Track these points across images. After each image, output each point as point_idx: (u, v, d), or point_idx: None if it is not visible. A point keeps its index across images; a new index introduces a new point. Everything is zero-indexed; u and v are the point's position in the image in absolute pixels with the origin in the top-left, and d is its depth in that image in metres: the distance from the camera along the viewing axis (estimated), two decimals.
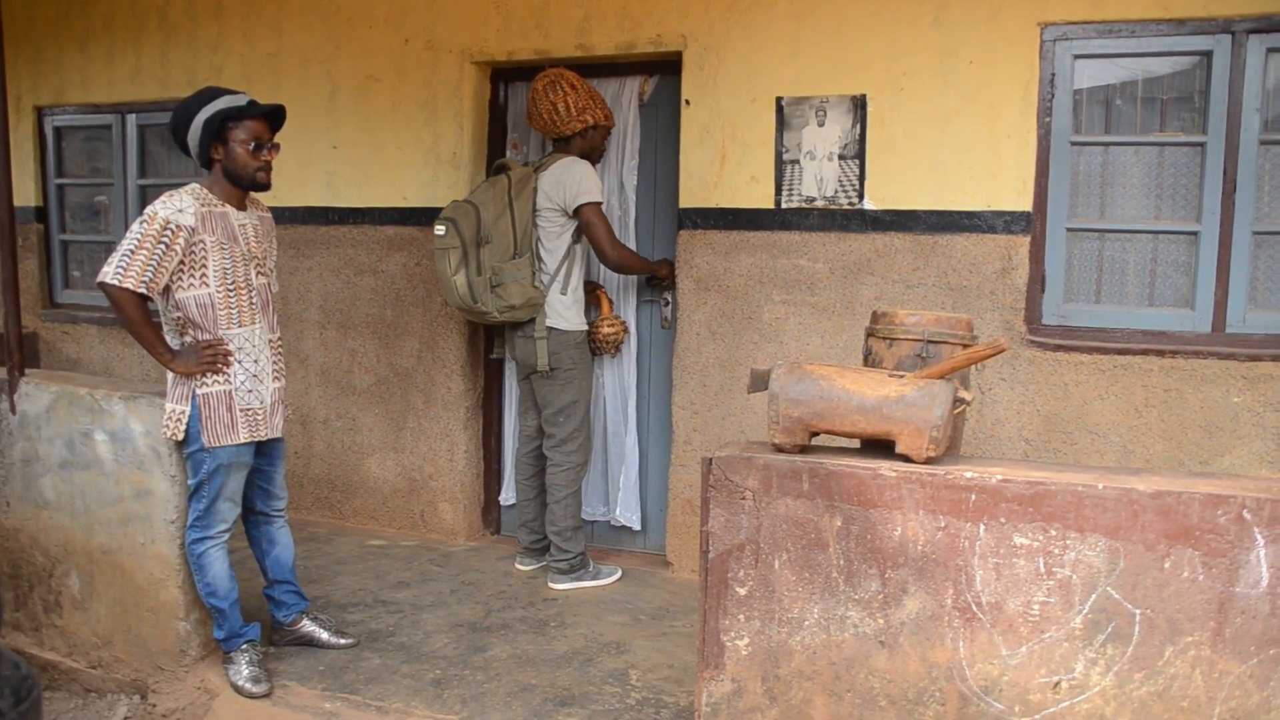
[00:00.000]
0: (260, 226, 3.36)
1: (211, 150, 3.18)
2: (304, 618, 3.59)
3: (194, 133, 3.17)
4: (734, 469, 2.44)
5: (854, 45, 4.00)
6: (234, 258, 3.18)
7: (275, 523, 3.53)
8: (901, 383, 2.36)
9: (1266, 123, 3.64)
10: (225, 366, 3.17)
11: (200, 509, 3.22)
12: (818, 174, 4.07)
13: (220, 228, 3.17)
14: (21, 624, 3.71)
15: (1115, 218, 3.86)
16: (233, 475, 3.24)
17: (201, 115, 3.15)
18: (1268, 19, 3.55)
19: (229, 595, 3.28)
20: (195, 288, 3.13)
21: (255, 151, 3.19)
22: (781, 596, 2.43)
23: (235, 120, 3.17)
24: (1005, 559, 2.26)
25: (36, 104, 5.84)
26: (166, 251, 3.04)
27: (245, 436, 3.22)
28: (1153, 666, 2.18)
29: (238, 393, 3.20)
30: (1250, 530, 2.10)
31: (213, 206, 3.18)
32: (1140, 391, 3.74)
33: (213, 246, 3.13)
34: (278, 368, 3.37)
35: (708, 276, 4.27)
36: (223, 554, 3.27)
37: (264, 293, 3.32)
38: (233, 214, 3.23)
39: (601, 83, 4.53)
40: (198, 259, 3.12)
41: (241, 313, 3.21)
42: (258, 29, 5.13)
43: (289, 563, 3.56)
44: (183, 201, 3.11)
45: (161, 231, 3.04)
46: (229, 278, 3.17)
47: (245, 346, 3.23)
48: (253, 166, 3.20)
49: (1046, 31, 3.78)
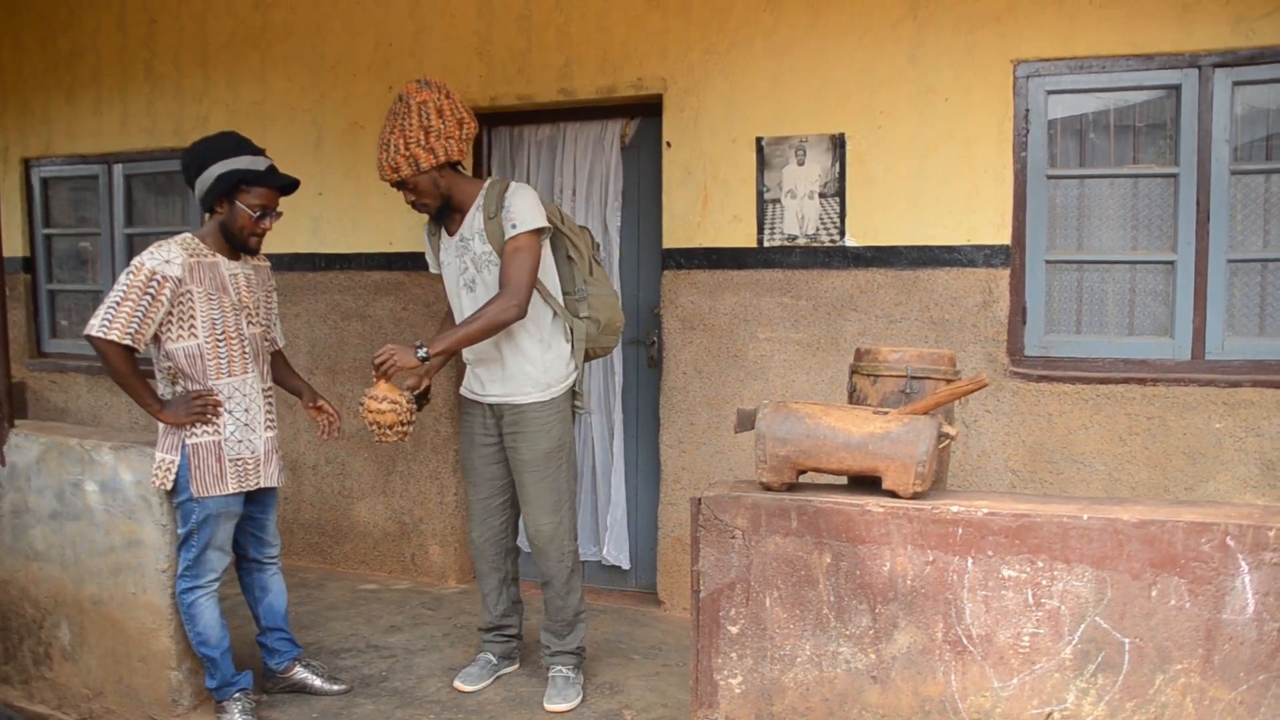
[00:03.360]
0: (254, 276, 3.35)
1: (217, 204, 3.18)
2: (297, 664, 3.57)
3: (205, 182, 3.15)
4: (723, 508, 2.46)
5: (832, 84, 4.07)
6: (223, 308, 3.17)
7: (268, 570, 3.52)
8: (886, 419, 2.39)
9: (1236, 153, 3.71)
10: (215, 417, 3.16)
11: (190, 558, 3.20)
12: (799, 212, 4.13)
13: (209, 278, 3.15)
14: (10, 677, 3.69)
15: (1093, 249, 3.92)
16: (222, 525, 3.22)
17: (218, 169, 3.13)
18: (1232, 53, 3.63)
19: (220, 644, 3.25)
20: (184, 339, 3.12)
21: (258, 220, 3.20)
22: (773, 634, 2.44)
23: (250, 184, 3.17)
24: (994, 591, 2.28)
25: (24, 155, 5.87)
26: (152, 303, 3.03)
27: (234, 487, 3.21)
28: (1144, 695, 2.20)
29: (227, 443, 3.19)
30: (1234, 557, 2.13)
31: (202, 257, 3.16)
32: (1123, 420, 3.78)
33: (200, 297, 3.12)
34: (270, 418, 3.36)
35: (693, 316, 4.30)
36: (213, 603, 3.25)
37: (256, 343, 3.31)
38: (223, 264, 3.22)
39: (584, 126, 4.60)
40: (185, 310, 3.11)
41: (232, 362, 3.20)
42: (243, 78, 5.18)
43: (282, 610, 3.54)
44: (170, 252, 3.09)
45: (147, 283, 3.03)
46: (218, 328, 3.16)
47: (236, 396, 3.22)
48: (250, 231, 3.21)
49: (1020, 68, 3.86)
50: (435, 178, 3.29)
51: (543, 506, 3.44)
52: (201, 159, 3.15)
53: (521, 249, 3.25)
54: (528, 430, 3.40)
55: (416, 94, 3.23)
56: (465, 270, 3.39)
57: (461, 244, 3.39)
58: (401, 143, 3.20)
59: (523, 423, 3.40)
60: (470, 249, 3.36)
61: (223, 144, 3.18)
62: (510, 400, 3.41)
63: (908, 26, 3.95)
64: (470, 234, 3.36)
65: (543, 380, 3.39)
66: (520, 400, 3.40)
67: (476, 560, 3.66)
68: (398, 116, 3.22)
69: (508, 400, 3.41)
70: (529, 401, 3.39)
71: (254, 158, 3.18)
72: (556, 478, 3.44)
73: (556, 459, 3.44)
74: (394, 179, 3.26)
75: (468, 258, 3.37)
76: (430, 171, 3.26)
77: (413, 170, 3.23)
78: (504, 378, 3.41)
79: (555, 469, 3.44)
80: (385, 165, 3.23)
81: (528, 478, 3.43)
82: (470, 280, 3.39)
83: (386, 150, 3.22)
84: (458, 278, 3.42)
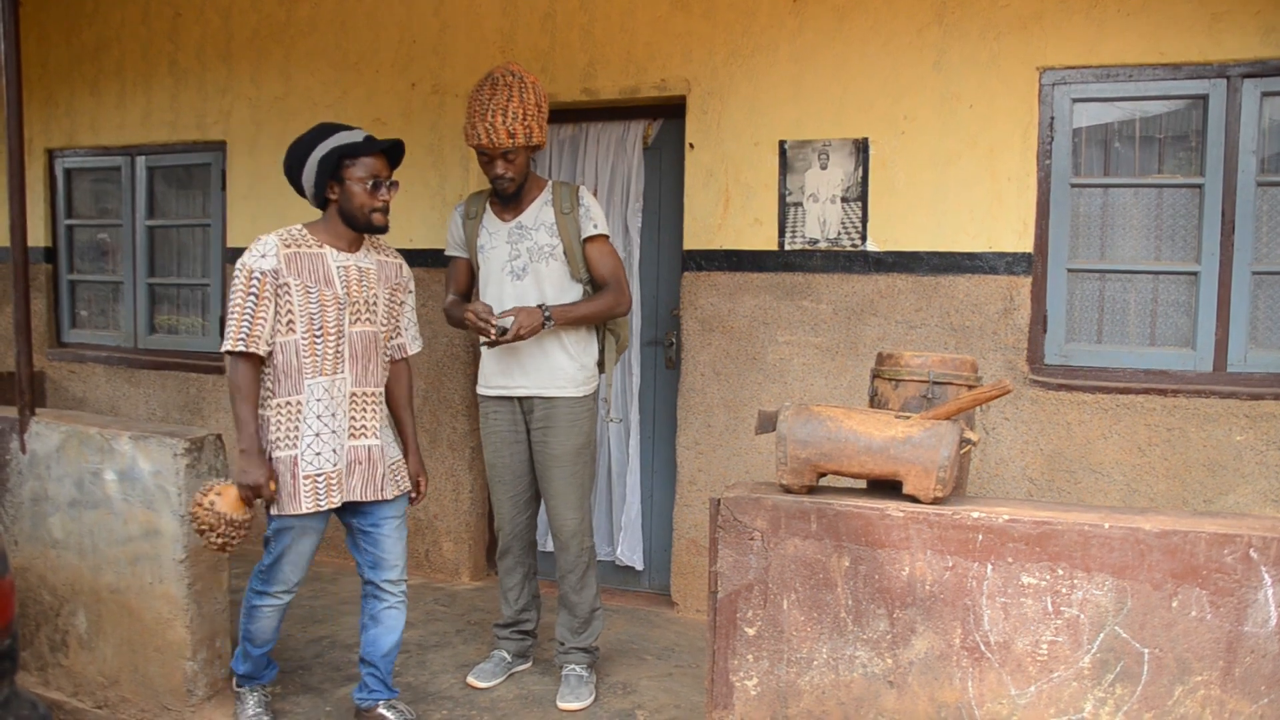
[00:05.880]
0: (374, 271, 3.13)
1: (327, 189, 3.02)
2: (380, 706, 3.25)
3: (309, 172, 3.00)
4: (742, 509, 2.46)
5: (855, 89, 4.06)
6: (322, 302, 2.98)
7: (384, 600, 3.21)
8: (908, 424, 2.39)
9: (1263, 164, 3.69)
10: (262, 499, 2.94)
11: (265, 563, 3.09)
12: (821, 216, 4.12)
13: (308, 270, 2.98)
14: (27, 664, 3.71)
15: (1115, 258, 3.90)
16: (297, 542, 3.05)
17: (317, 153, 2.98)
18: (1261, 63, 3.61)
19: (264, 645, 3.18)
20: (282, 333, 2.96)
21: (373, 190, 2.99)
22: (790, 636, 2.44)
23: (352, 157, 2.98)
24: (1013, 598, 2.27)
25: (48, 146, 5.91)
26: (258, 302, 2.90)
27: (309, 506, 2.98)
28: (1162, 706, 2.19)
29: (303, 457, 2.98)
30: (1257, 569, 2.12)
31: (303, 248, 3.00)
32: (1143, 430, 3.76)
33: (297, 290, 2.95)
34: (363, 425, 3.10)
35: (712, 317, 4.30)
36: (276, 614, 3.14)
37: (360, 342, 3.08)
38: (330, 255, 3.03)
39: (606, 126, 4.60)
40: (284, 304, 2.95)
41: (325, 360, 3.00)
42: (266, 73, 5.20)
43: (385, 648, 3.22)
44: (265, 246, 2.95)
45: (249, 282, 2.91)
46: (315, 323, 2.97)
47: (325, 399, 3.00)
48: (369, 206, 3.00)
49: (1045, 76, 3.85)
50: (530, 156, 3.39)
51: (569, 502, 3.46)
52: (298, 154, 3.02)
53: (612, 250, 3.48)
54: (559, 426, 3.43)
55: (525, 74, 3.32)
56: (517, 257, 3.43)
57: (519, 231, 3.44)
58: (521, 111, 3.25)
59: (554, 418, 3.43)
60: (530, 238, 3.42)
61: (313, 133, 3.04)
62: (542, 393, 3.43)
63: (933, 33, 3.94)
64: (534, 224, 3.43)
65: (578, 376, 3.44)
66: (553, 394, 3.43)
67: (502, 556, 3.67)
68: (510, 89, 3.26)
69: (539, 393, 3.44)
70: (563, 396, 3.43)
71: (348, 131, 3.02)
72: (582, 474, 3.48)
73: (585, 455, 3.48)
74: (509, 144, 3.27)
75: (524, 246, 3.42)
76: (532, 147, 3.35)
77: (526, 140, 3.29)
78: (539, 369, 3.43)
79: (582, 465, 3.48)
80: (502, 129, 3.24)
81: (556, 473, 3.45)
82: (520, 268, 3.43)
83: (504, 115, 3.24)
84: (505, 263, 3.45)
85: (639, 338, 4.65)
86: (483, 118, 3.26)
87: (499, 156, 3.30)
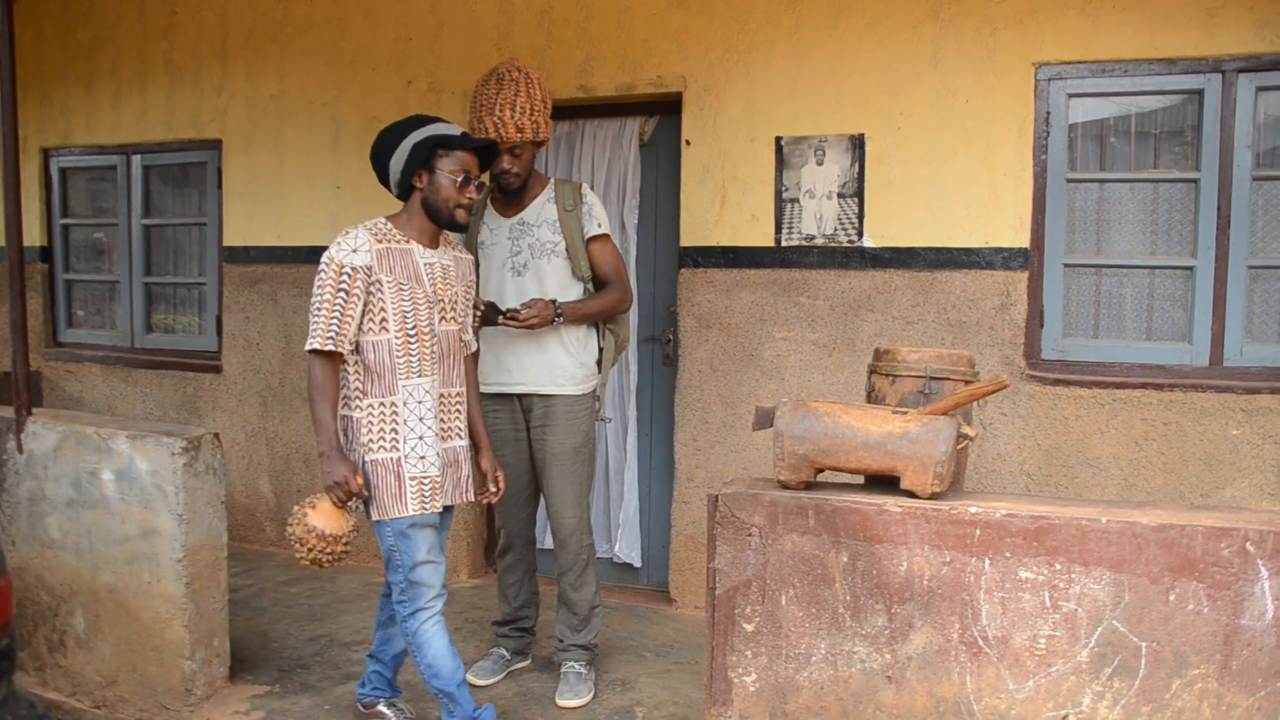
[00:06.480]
0: (454, 268, 3.03)
1: (415, 178, 2.91)
2: (381, 703, 3.22)
3: (399, 157, 2.89)
4: (740, 505, 2.46)
5: (851, 85, 4.06)
6: (415, 300, 2.87)
7: None
8: (905, 419, 2.39)
9: (1258, 158, 3.70)
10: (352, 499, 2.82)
11: (400, 580, 2.89)
12: (817, 212, 4.12)
13: (400, 266, 2.87)
14: (25, 664, 3.70)
15: (1112, 253, 3.91)
16: (422, 537, 2.89)
17: (412, 139, 2.88)
18: (1256, 58, 3.62)
19: (454, 675, 2.89)
20: (373, 332, 2.84)
21: (462, 185, 2.90)
22: (788, 632, 2.44)
23: (446, 148, 2.89)
24: (1011, 593, 2.27)
25: (43, 145, 5.90)
26: (348, 299, 2.78)
27: (414, 509, 2.86)
28: (1160, 699, 2.19)
29: (406, 460, 2.86)
30: (1254, 563, 2.12)
31: (393, 243, 2.89)
32: (1140, 425, 3.77)
33: (390, 287, 2.84)
34: (450, 426, 3.01)
35: (709, 314, 4.30)
36: (440, 627, 2.89)
37: (446, 341, 2.98)
38: (418, 252, 2.93)
39: (602, 123, 4.60)
40: (376, 301, 2.83)
41: (422, 362, 2.89)
42: (262, 72, 5.20)
43: (399, 649, 3.17)
44: (356, 240, 2.82)
45: (338, 278, 2.78)
46: (409, 322, 2.86)
47: (427, 400, 2.90)
48: (455, 201, 2.90)
49: (1041, 71, 3.85)
50: (535, 152, 3.39)
51: (567, 500, 3.47)
52: (390, 139, 2.92)
53: (614, 248, 3.49)
54: (558, 424, 3.44)
55: (530, 70, 3.31)
56: (518, 254, 3.44)
57: (520, 228, 3.45)
58: (529, 107, 3.26)
59: (553, 416, 3.44)
60: (532, 235, 3.42)
61: (408, 121, 2.94)
62: (540, 391, 3.44)
63: (929, 29, 3.94)
64: (537, 221, 3.43)
65: (577, 374, 3.44)
66: (552, 391, 3.43)
67: (502, 553, 3.67)
68: (517, 84, 3.26)
69: (538, 391, 3.44)
70: (561, 393, 3.43)
71: (446, 124, 2.94)
72: (581, 472, 3.49)
73: (584, 453, 3.48)
74: (517, 139, 3.27)
75: (525, 242, 3.43)
76: (539, 143, 3.36)
77: (533, 135, 3.30)
78: (537, 367, 3.43)
79: (582, 463, 3.48)
80: (510, 124, 3.24)
81: (555, 471, 3.45)
82: (521, 265, 3.43)
83: (512, 110, 3.24)
84: (506, 259, 3.46)
85: (636, 335, 4.65)
86: (490, 112, 3.26)
87: (506, 152, 3.30)
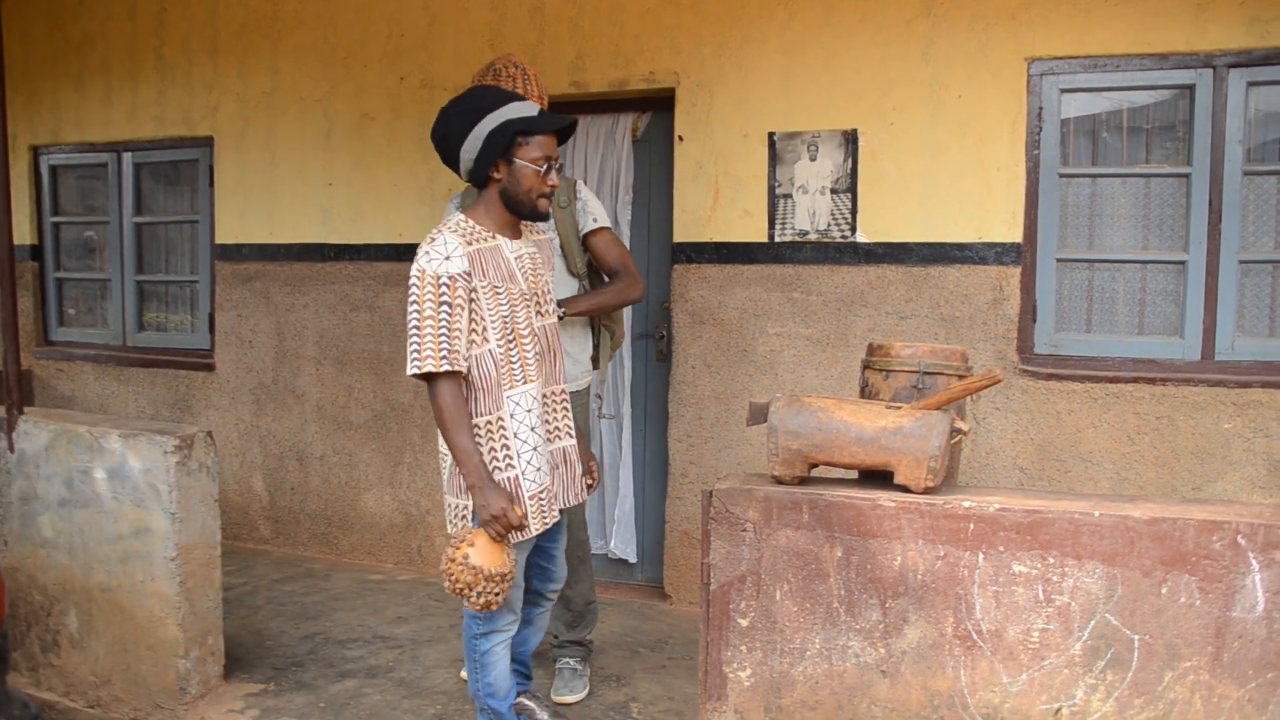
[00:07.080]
0: (539, 255, 2.80)
1: (492, 168, 2.62)
2: (522, 696, 3.08)
3: (473, 145, 2.58)
4: (734, 501, 2.46)
5: (844, 81, 4.07)
6: (511, 300, 2.61)
7: (543, 606, 3.01)
8: (899, 414, 2.39)
9: (1249, 153, 3.71)
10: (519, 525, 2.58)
11: None
12: (810, 208, 4.13)
13: (493, 266, 2.60)
14: (19, 664, 3.69)
15: (1104, 248, 3.92)
16: (519, 558, 2.74)
17: (486, 125, 2.56)
18: (1247, 53, 3.63)
19: (508, 697, 2.82)
20: (475, 345, 2.58)
21: (544, 174, 2.61)
22: (783, 627, 2.45)
23: (527, 134, 2.59)
24: (1004, 587, 2.28)
25: (32, 143, 5.88)
26: (451, 311, 2.50)
27: (537, 528, 2.66)
28: (1153, 692, 2.20)
29: (524, 476, 2.64)
30: (1245, 555, 2.13)
31: (482, 241, 2.61)
32: (1132, 419, 3.78)
33: (486, 292, 2.57)
34: (557, 426, 2.80)
35: (702, 310, 4.30)
36: (506, 651, 2.79)
37: (545, 337, 2.75)
38: (506, 246, 2.66)
39: (595, 119, 4.59)
40: (475, 311, 2.56)
41: (525, 366, 2.64)
42: (254, 68, 5.18)
43: (534, 646, 3.08)
44: (446, 245, 2.53)
45: (438, 291, 2.49)
46: (508, 325, 2.60)
47: (534, 408, 2.67)
48: (537, 191, 2.62)
49: (1033, 66, 3.85)
50: None
51: None
52: (459, 123, 2.60)
53: (616, 239, 3.50)
54: None
55: (526, 65, 3.28)
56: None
57: None
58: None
59: None
60: None
61: (480, 98, 2.62)
62: None
63: (922, 24, 3.95)
64: None
65: (572, 371, 3.42)
66: None
67: None
68: (514, 80, 3.22)
69: None
70: None
71: (520, 103, 2.62)
72: None
73: None
74: None
75: None
76: None
77: None
78: None
79: None
80: None
81: None
82: None
83: None
84: None
85: (630, 331, 4.65)
86: None
87: None
